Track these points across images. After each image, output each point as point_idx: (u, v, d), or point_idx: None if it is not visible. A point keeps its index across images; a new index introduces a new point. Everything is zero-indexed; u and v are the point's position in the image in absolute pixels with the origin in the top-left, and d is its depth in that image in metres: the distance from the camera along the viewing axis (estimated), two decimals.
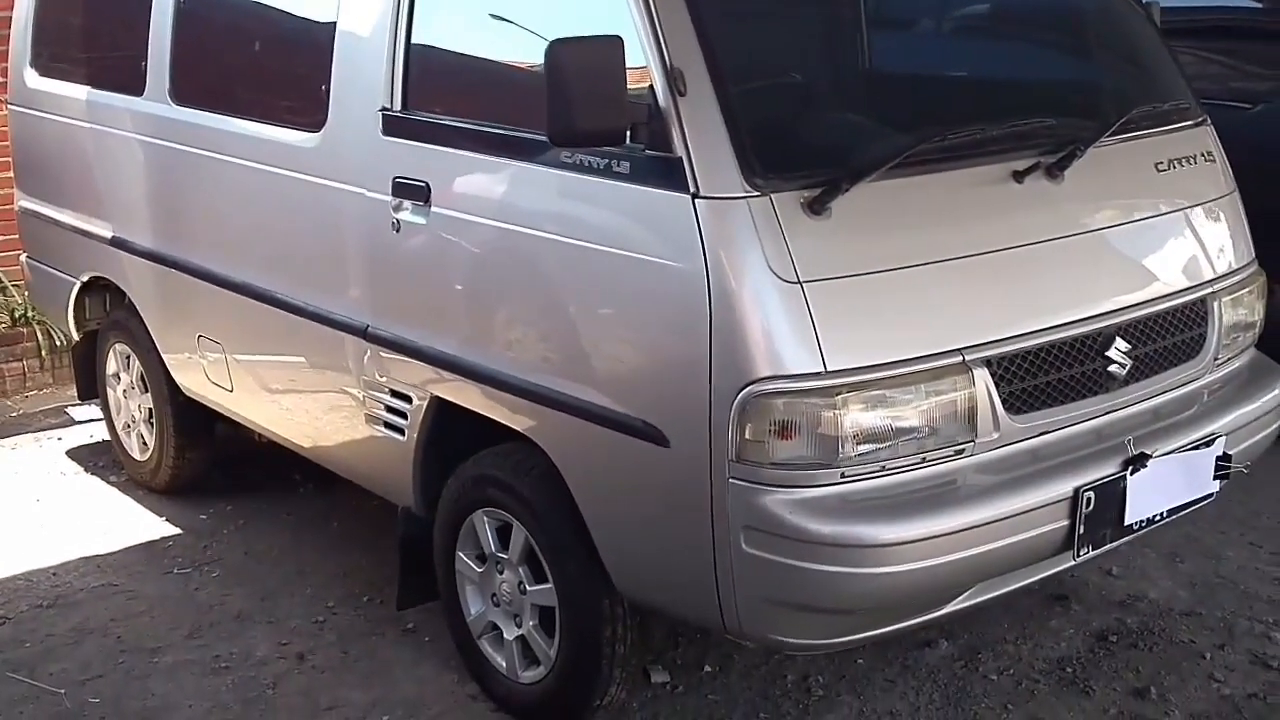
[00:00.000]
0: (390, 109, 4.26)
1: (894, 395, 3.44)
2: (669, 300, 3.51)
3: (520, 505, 4.07)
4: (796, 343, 3.37)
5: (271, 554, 5.60)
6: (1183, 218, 4.18)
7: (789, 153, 3.57)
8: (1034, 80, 4.42)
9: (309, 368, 4.88)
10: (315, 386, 4.88)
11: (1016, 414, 3.64)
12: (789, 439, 3.38)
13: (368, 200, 4.34)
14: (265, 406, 5.29)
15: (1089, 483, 3.66)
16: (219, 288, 5.21)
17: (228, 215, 5.20)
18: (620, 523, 3.82)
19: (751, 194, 3.38)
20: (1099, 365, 3.81)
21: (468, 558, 4.35)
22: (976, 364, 3.54)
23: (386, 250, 4.32)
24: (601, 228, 3.64)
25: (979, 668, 4.56)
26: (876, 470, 3.46)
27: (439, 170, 4.12)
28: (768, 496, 3.41)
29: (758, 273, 3.36)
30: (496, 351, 3.99)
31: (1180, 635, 4.73)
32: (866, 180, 3.46)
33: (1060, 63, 4.62)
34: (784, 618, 3.57)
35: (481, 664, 4.42)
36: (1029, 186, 3.77)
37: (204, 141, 5.20)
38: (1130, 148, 4.09)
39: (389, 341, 4.39)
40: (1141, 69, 4.57)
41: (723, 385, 3.41)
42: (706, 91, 3.44)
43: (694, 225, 3.41)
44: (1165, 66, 4.49)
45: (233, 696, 4.53)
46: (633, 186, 3.55)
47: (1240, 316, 4.26)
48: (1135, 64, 4.61)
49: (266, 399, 5.25)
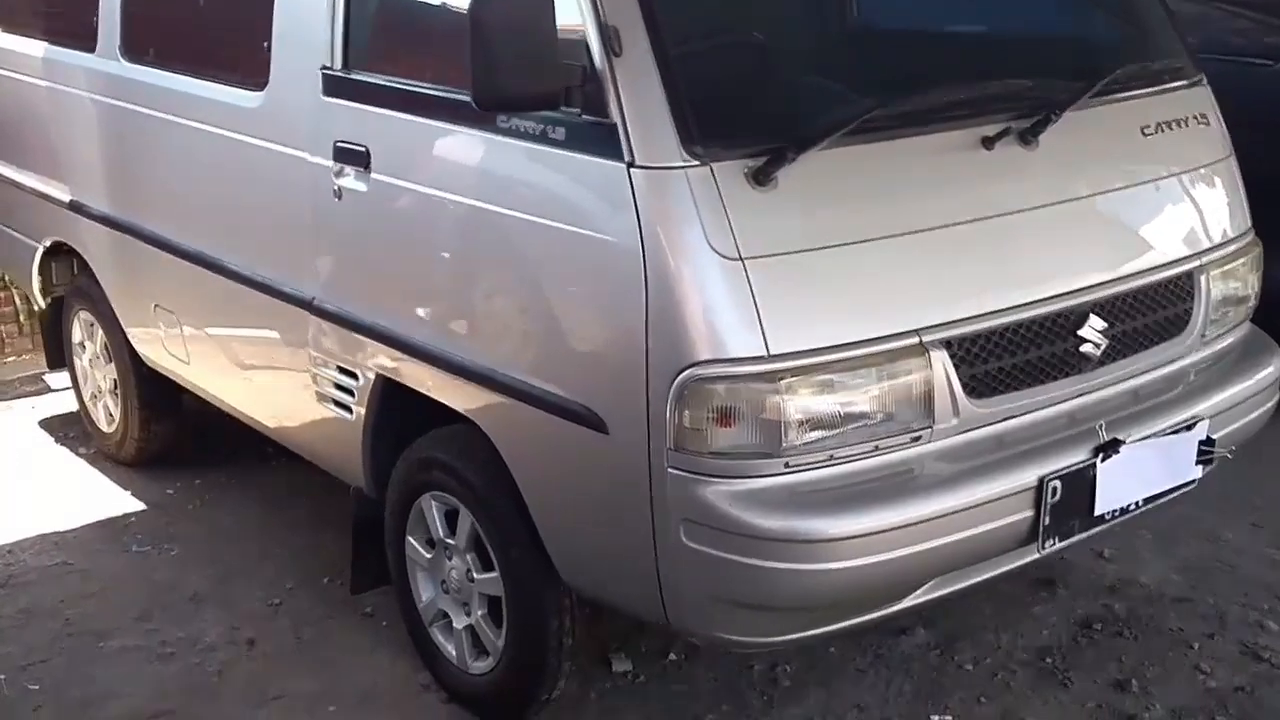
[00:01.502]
0: (331, 68, 4.04)
1: (843, 380, 3.21)
2: (604, 278, 3.30)
3: (465, 490, 3.88)
4: (737, 324, 3.14)
5: (235, 531, 5.41)
6: (1169, 185, 3.92)
7: (733, 119, 3.32)
8: (1008, 37, 4.14)
9: (260, 342, 4.70)
10: (267, 362, 4.70)
11: (978, 398, 3.41)
12: (729, 427, 3.16)
13: (309, 165, 4.13)
14: (220, 380, 5.11)
15: (1055, 471, 3.43)
16: (172, 256, 5.02)
17: (177, 180, 5.00)
18: (563, 512, 3.62)
19: (690, 164, 3.15)
20: (1071, 345, 3.57)
21: (417, 543, 4.16)
22: (934, 346, 3.31)
23: (329, 219, 4.11)
24: (537, 198, 3.43)
25: (955, 657, 4.35)
26: (824, 460, 3.24)
27: (379, 134, 3.90)
28: (708, 488, 3.20)
29: (696, 249, 3.14)
30: (437, 329, 3.79)
31: (1168, 623, 4.51)
32: (816, 149, 3.22)
33: (1039, 17, 4.32)
34: (728, 615, 3.37)
35: (433, 652, 4.24)
36: (999, 153, 3.52)
37: (153, 101, 4.99)
38: (1114, 110, 3.83)
39: (334, 316, 4.19)
40: (1130, 24, 4.29)
41: (659, 369, 3.19)
42: (643, 51, 3.20)
43: (629, 197, 3.19)
44: (1157, 21, 4.21)
45: (176, 685, 4.35)
46: (567, 154, 3.34)
47: (1232, 290, 4.00)
48: (1123, 19, 4.33)
49: (221, 373, 5.07)
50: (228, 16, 4.84)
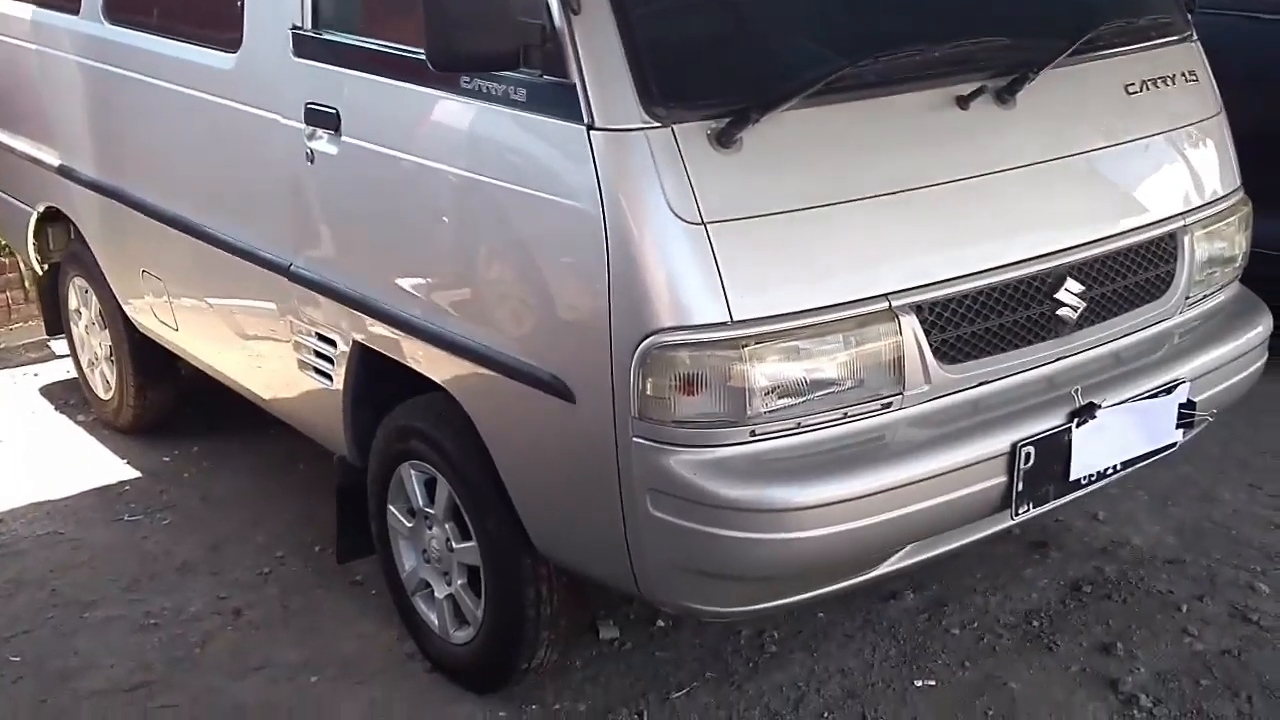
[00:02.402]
0: (301, 28, 3.97)
1: (809, 346, 3.15)
2: (567, 244, 3.24)
3: (442, 459, 3.84)
4: (699, 290, 3.08)
5: (229, 500, 5.38)
6: (1152, 144, 3.82)
7: (695, 78, 3.24)
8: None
9: (242, 309, 4.66)
10: (250, 329, 4.66)
11: (950, 364, 3.35)
12: (693, 395, 3.11)
13: (282, 127, 4.07)
14: (208, 347, 5.08)
15: (1028, 437, 3.36)
16: (156, 221, 4.97)
17: (160, 144, 4.94)
18: (534, 480, 3.58)
19: (651, 125, 3.09)
20: (1047, 309, 3.50)
21: (399, 512, 4.13)
22: (904, 310, 3.24)
23: (302, 183, 4.06)
24: (499, 162, 3.37)
25: (942, 621, 4.30)
26: (792, 428, 3.19)
27: (349, 96, 3.84)
28: (672, 457, 3.15)
29: (657, 213, 3.07)
30: (408, 296, 3.73)
31: (1158, 585, 4.45)
32: (782, 109, 3.15)
33: None
34: (697, 585, 3.32)
35: (416, 622, 4.21)
36: (975, 113, 3.43)
37: (135, 63, 4.93)
38: (1096, 68, 3.72)
39: (311, 282, 4.14)
40: None
41: (623, 337, 3.13)
42: (603, 9, 3.13)
43: (589, 160, 3.13)
44: None
45: (158, 655, 4.33)
46: (528, 116, 3.27)
47: (1218, 250, 3.91)
48: None
49: (208, 340, 5.04)
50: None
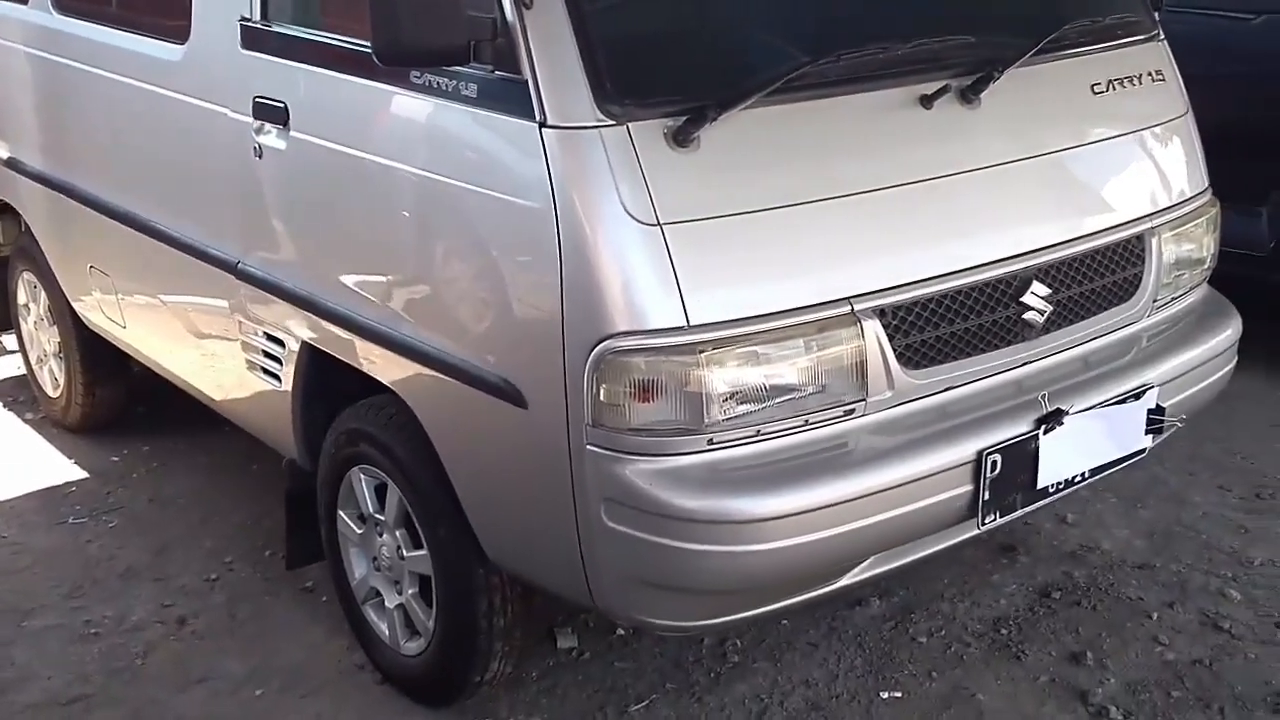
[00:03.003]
0: (250, 19, 3.88)
1: (769, 351, 3.06)
2: (518, 244, 3.14)
3: (392, 464, 3.73)
4: (655, 294, 2.98)
5: (178, 501, 5.25)
6: (1118, 145, 3.75)
7: (652, 74, 3.15)
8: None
9: (190, 307, 4.54)
10: (198, 328, 4.54)
11: (914, 369, 3.25)
12: (649, 402, 3.01)
13: (230, 121, 3.97)
14: (156, 346, 4.96)
15: (995, 444, 3.28)
16: (104, 216, 4.86)
17: (107, 136, 4.84)
18: (486, 488, 3.48)
19: (605, 123, 2.99)
20: (1012, 313, 3.41)
21: (349, 517, 4.01)
22: (867, 314, 3.15)
23: (250, 178, 3.95)
24: (449, 159, 3.28)
25: (909, 629, 4.21)
26: (750, 435, 3.09)
27: (297, 90, 3.75)
28: (627, 466, 3.05)
29: (611, 214, 2.98)
30: (356, 295, 3.63)
31: (1128, 591, 4.37)
32: (741, 108, 3.05)
33: None
34: (654, 599, 3.22)
35: (367, 632, 4.09)
36: (938, 113, 3.35)
37: (83, 54, 4.83)
38: (1062, 67, 3.65)
39: (259, 280, 4.03)
40: None
41: (576, 341, 3.04)
42: (556, 3, 3.04)
43: (541, 158, 3.03)
44: None
45: (98, 667, 4.19)
46: (479, 112, 3.18)
47: (1186, 252, 3.84)
48: None
49: (156, 338, 4.92)
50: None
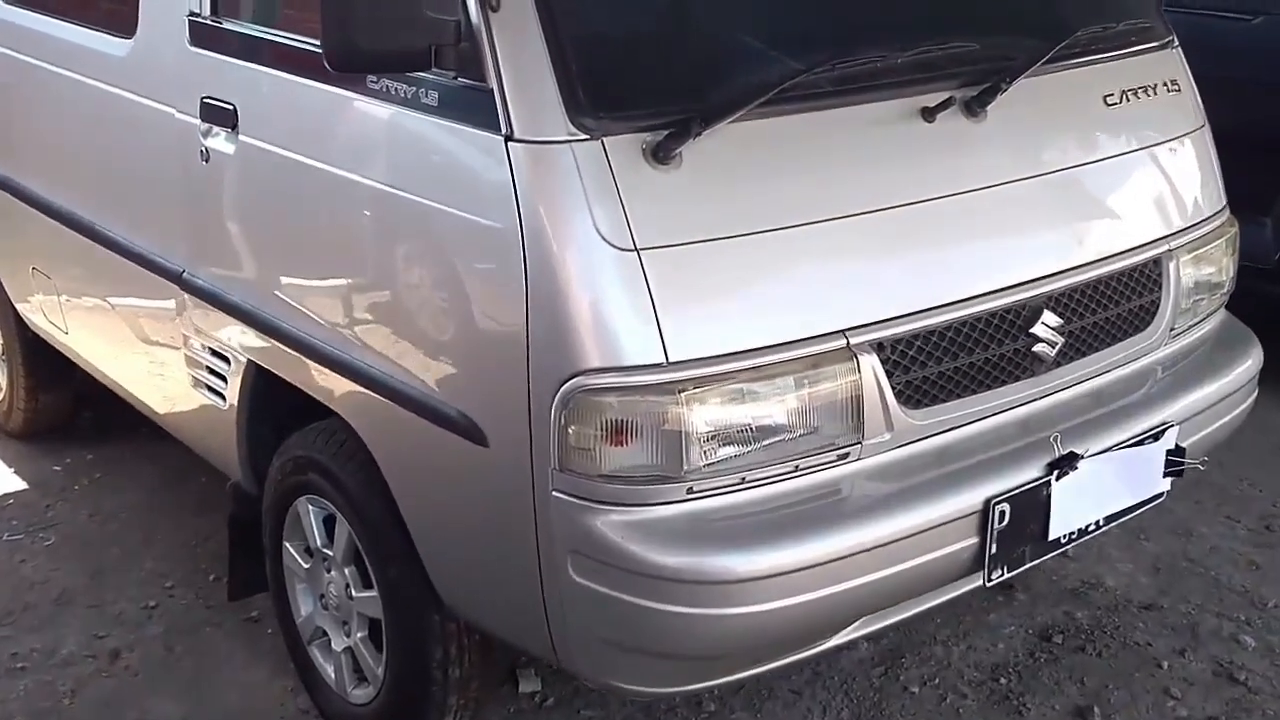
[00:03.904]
0: (199, 14, 3.62)
1: (756, 390, 2.77)
2: (481, 268, 2.87)
3: (341, 496, 3.45)
4: (630, 326, 2.70)
5: (120, 516, 4.94)
6: (1134, 161, 3.47)
7: (629, 84, 2.87)
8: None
9: (133, 316, 4.26)
10: (141, 338, 4.25)
11: (915, 408, 2.97)
12: (623, 445, 2.72)
13: (177, 122, 3.70)
14: (98, 354, 4.68)
15: (1003, 492, 2.99)
16: (46, 216, 4.59)
17: (50, 133, 4.60)
18: (441, 530, 3.20)
19: (577, 137, 2.70)
20: (1022, 345, 3.13)
21: (295, 550, 3.72)
22: (863, 349, 2.87)
23: (196, 183, 3.68)
24: (407, 172, 3.00)
25: (900, 676, 3.93)
26: (735, 483, 2.81)
27: (246, 91, 3.48)
28: (598, 516, 2.76)
29: (582, 238, 2.69)
30: (306, 312, 3.36)
31: (1135, 636, 4.09)
32: (727, 121, 2.77)
33: None
34: (624, 660, 2.94)
35: (312, 674, 3.80)
36: (941, 127, 3.07)
37: (28, 46, 4.59)
38: (1073, 77, 3.36)
39: (203, 292, 3.76)
40: None
41: (542, 377, 2.75)
42: (525, 5, 2.75)
43: (507, 175, 2.74)
44: None
45: (21, 706, 3.88)
46: (440, 123, 2.90)
47: (1205, 276, 3.56)
48: None
49: (99, 346, 4.64)
50: None
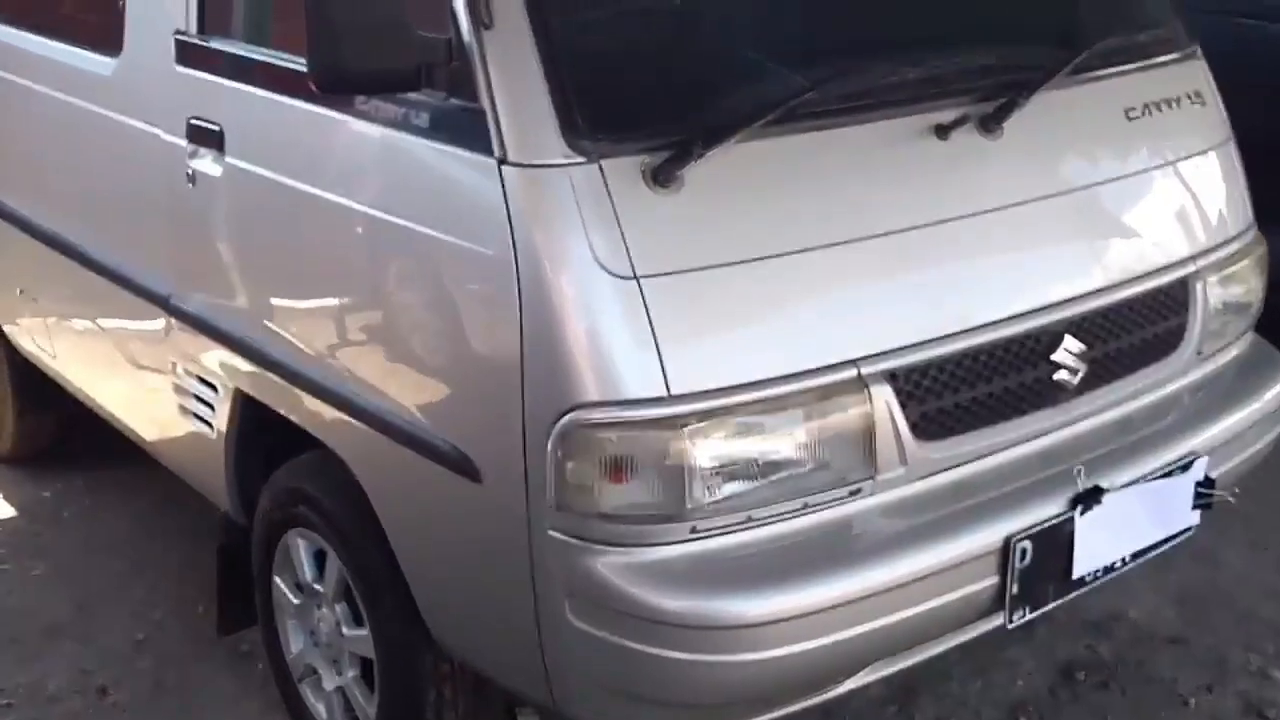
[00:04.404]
0: (185, 33, 3.48)
1: (762, 423, 2.64)
2: (474, 296, 2.74)
3: (332, 530, 3.31)
4: (630, 358, 2.57)
5: (110, 545, 4.81)
6: (1158, 177, 3.32)
7: (628, 104, 2.73)
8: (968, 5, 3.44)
9: (121, 341, 4.13)
10: (129, 363, 4.13)
11: (930, 440, 2.83)
12: (622, 482, 2.59)
13: (163, 144, 3.58)
14: (86, 379, 4.56)
15: (1025, 529, 2.85)
16: (32, 238, 4.47)
17: (36, 152, 4.50)
18: (434, 567, 3.06)
19: (574, 160, 2.57)
20: (1043, 373, 2.99)
21: (285, 585, 3.58)
22: (876, 379, 2.72)
23: (182, 206, 3.56)
24: (399, 196, 2.87)
25: (914, 715, 3.79)
26: (741, 522, 2.67)
27: (234, 112, 3.36)
28: (597, 558, 2.63)
29: (579, 265, 2.56)
30: (292, 340, 3.24)
31: (1161, 671, 3.94)
32: (731, 141, 2.63)
33: None
34: (625, 708, 2.80)
35: (303, 714, 3.66)
36: (956, 144, 2.92)
37: (13, 63, 4.48)
38: (1093, 91, 3.21)
39: (190, 318, 3.64)
40: None
41: (538, 411, 2.61)
42: (519, 23, 2.62)
43: (500, 200, 2.61)
44: None
45: None
46: (431, 145, 2.77)
47: (1233, 297, 3.41)
48: None
49: (86, 371, 4.53)
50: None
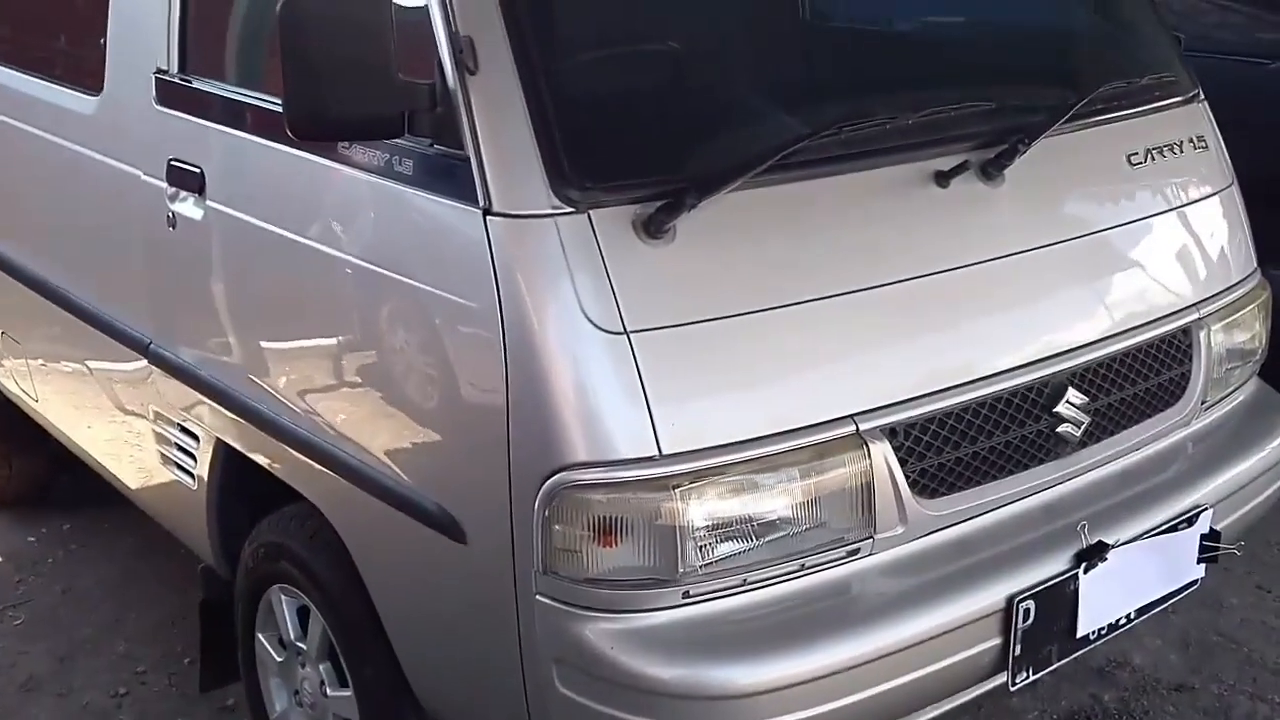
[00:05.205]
0: (166, 72, 3.40)
1: (757, 482, 2.55)
2: (458, 351, 2.64)
3: (315, 587, 3.22)
4: (620, 417, 2.48)
5: (95, 593, 4.72)
6: (1161, 224, 3.25)
7: (618, 152, 2.65)
8: (968, 49, 3.42)
9: (102, 385, 4.03)
10: (110, 410, 4.03)
11: (931, 497, 2.75)
12: (612, 546, 2.50)
13: (144, 185, 3.49)
14: (68, 424, 4.46)
15: (1028, 588, 2.76)
16: (15, 279, 4.38)
17: (15, 191, 4.40)
18: (419, 630, 2.98)
19: (561, 210, 2.49)
20: (1045, 426, 2.91)
21: (268, 642, 3.48)
22: (874, 435, 2.64)
23: (163, 250, 3.48)
24: (381, 245, 2.78)
25: None
26: (736, 585, 2.58)
27: (214, 154, 3.27)
28: (586, 624, 2.54)
29: (567, 320, 2.48)
30: (272, 390, 3.15)
31: None
32: (725, 190, 2.55)
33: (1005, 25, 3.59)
34: None
35: None
36: (956, 192, 2.85)
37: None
38: (1095, 136, 3.14)
39: (171, 365, 3.54)
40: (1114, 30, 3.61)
41: (524, 471, 2.52)
42: (504, 68, 2.54)
43: (485, 251, 2.52)
44: (1145, 25, 3.53)
45: None
46: (414, 193, 2.68)
47: (1236, 343, 3.33)
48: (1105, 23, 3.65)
49: (68, 416, 4.43)
50: (67, 7, 4.22)
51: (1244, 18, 5.97)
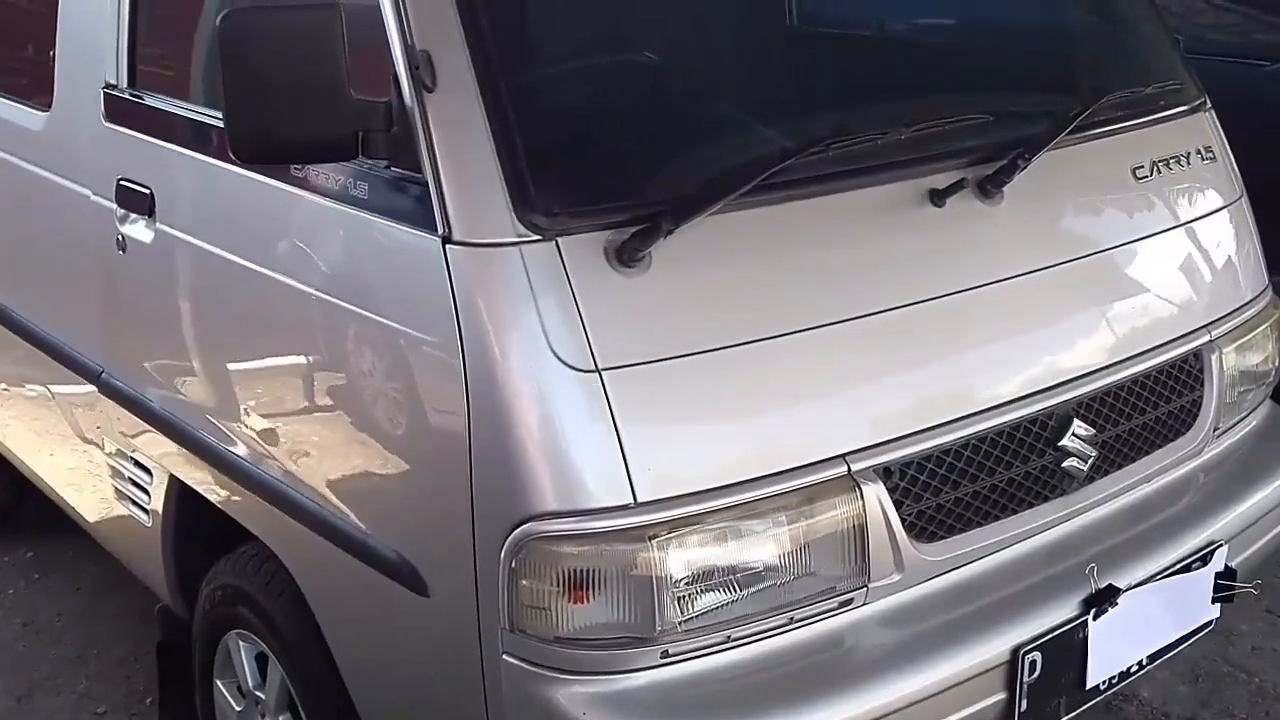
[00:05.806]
0: (115, 87, 3.24)
1: (740, 529, 2.37)
2: (417, 389, 2.46)
3: (272, 634, 3.04)
4: (591, 462, 2.30)
5: (55, 626, 4.54)
6: (1168, 242, 3.08)
7: (588, 175, 2.47)
8: (964, 59, 3.25)
9: (56, 415, 3.87)
10: (65, 441, 3.88)
11: (928, 541, 2.57)
12: (584, 602, 2.32)
13: (93, 205, 3.33)
14: (26, 454, 4.29)
15: (1034, 638, 2.59)
16: None
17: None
18: (378, 682, 2.79)
19: (527, 238, 2.31)
20: (1050, 461, 2.73)
21: (227, 690, 3.31)
22: (867, 476, 2.47)
23: (112, 274, 3.31)
24: (335, 274, 2.61)
25: None
26: (719, 642, 2.40)
27: (163, 174, 3.10)
28: (557, 688, 2.35)
29: (534, 356, 2.30)
30: (226, 426, 2.97)
31: None
32: (704, 215, 2.37)
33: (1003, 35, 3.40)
34: None
35: None
36: (952, 212, 2.68)
37: None
38: (1098, 149, 2.98)
39: (122, 395, 3.37)
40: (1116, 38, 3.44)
41: (488, 521, 2.35)
42: (465, 84, 2.36)
43: (445, 282, 2.34)
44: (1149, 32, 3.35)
45: None
46: (370, 219, 2.50)
47: (1250, 365, 3.17)
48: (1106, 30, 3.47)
49: (24, 445, 4.27)
50: (18, 18, 4.07)
51: (1240, 18, 5.91)
